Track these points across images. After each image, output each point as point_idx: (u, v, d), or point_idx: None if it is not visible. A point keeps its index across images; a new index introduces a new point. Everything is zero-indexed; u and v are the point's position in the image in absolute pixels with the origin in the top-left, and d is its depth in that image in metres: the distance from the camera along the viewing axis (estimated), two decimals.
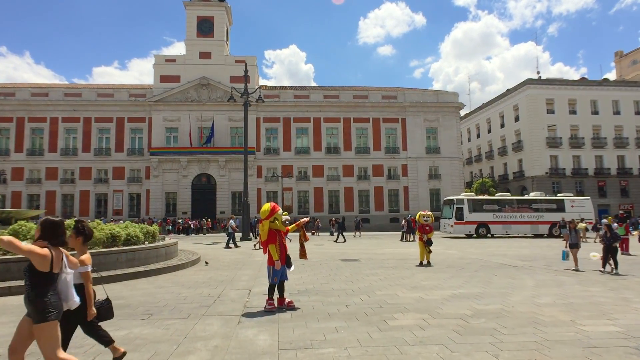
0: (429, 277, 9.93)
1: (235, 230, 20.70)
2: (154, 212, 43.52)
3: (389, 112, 47.83)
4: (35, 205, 42.44)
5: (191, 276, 10.04)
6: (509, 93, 54.15)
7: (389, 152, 47.32)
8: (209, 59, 46.49)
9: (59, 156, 44.28)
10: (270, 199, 45.85)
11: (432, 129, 48.28)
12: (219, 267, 12.14)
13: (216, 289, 8.20)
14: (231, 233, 20.57)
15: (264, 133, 46.31)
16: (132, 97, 45.78)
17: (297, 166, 46.00)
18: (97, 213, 43.87)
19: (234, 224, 20.78)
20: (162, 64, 46.26)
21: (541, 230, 27.17)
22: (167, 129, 45.24)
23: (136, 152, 44.96)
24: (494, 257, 14.81)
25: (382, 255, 16.13)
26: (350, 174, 46.59)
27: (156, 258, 11.16)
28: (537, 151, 48.89)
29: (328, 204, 46.35)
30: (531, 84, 49.96)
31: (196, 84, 45.47)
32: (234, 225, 20.68)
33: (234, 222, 21.10)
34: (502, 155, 55.33)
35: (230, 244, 20.27)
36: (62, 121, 44.76)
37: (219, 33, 47.14)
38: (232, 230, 20.55)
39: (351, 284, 9.14)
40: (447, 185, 47.27)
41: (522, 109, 51.18)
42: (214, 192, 44.98)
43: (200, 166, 44.73)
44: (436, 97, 48.85)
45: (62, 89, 46.13)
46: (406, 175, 47.11)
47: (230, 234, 20.61)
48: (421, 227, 11.77)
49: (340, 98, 47.65)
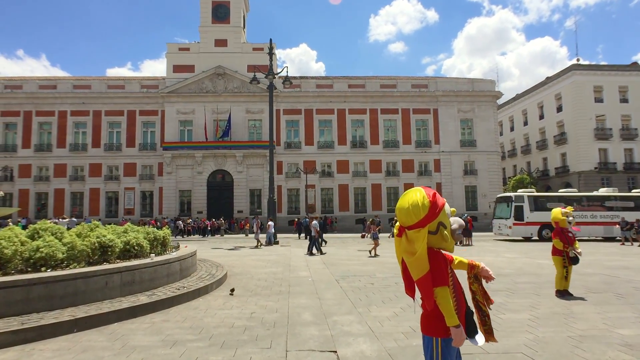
0: (608, 318, 6.10)
1: (317, 233, 17.09)
2: (168, 212, 40.45)
3: (419, 102, 43.93)
4: (42, 203, 39.73)
5: (220, 311, 6.50)
6: (549, 81, 49.72)
7: (419, 145, 43.45)
8: (224, 47, 43.20)
9: (67, 152, 41.52)
10: (291, 197, 42.46)
11: (467, 121, 44.26)
12: (255, 288, 8.60)
13: (270, 350, 4.64)
14: (313, 236, 17.05)
15: (284, 126, 42.84)
16: (144, 89, 42.80)
17: (320, 161, 42.43)
18: (107, 212, 41.03)
19: (317, 226, 17.20)
20: (175, 52, 43.12)
21: (615, 232, 23.09)
22: (180, 122, 42.10)
23: (148, 148, 41.95)
24: (620, 272, 11.01)
25: None
26: (378, 169, 42.85)
27: (167, 278, 7.68)
28: (584, 144, 44.44)
29: (354, 203, 42.70)
30: (577, 69, 45.48)
31: (211, 73, 42.22)
32: (317, 228, 17.13)
33: (317, 222, 17.53)
34: (541, 149, 50.92)
35: (313, 249, 16.74)
36: (71, 115, 41.99)
37: (236, 19, 43.82)
38: (314, 233, 17.02)
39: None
40: (484, 181, 43.26)
41: (565, 98, 46.73)
42: (231, 189, 41.69)
43: (216, 162, 41.47)
44: (471, 85, 44.80)
45: (71, 81, 43.37)
46: (439, 171, 43.20)
47: (313, 237, 17.10)
48: (560, 232, 7.61)
49: (366, 88, 43.93)
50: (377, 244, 15.91)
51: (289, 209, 42.13)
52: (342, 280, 9.67)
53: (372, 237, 16.31)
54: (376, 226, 16.98)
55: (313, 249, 16.81)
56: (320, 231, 21.89)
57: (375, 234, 16.29)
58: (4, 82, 42.45)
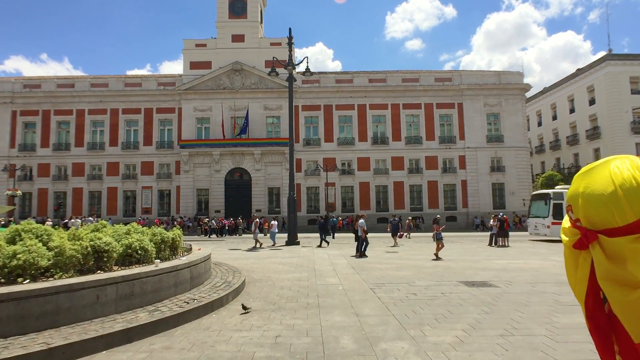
0: None
1: (365, 232, 15.25)
2: (185, 211, 39.73)
3: (443, 97, 42.10)
4: (59, 203, 39.46)
5: (236, 333, 5.22)
6: (580, 73, 47.19)
7: (444, 141, 41.62)
8: (242, 42, 42.21)
9: (85, 151, 41.20)
10: (310, 195, 41.23)
11: (493, 115, 42.22)
12: (278, 300, 7.33)
13: None
14: (360, 236, 15.23)
15: (303, 122, 41.59)
16: (161, 86, 42.19)
17: (340, 159, 41.04)
18: (125, 212, 40.58)
19: (364, 225, 15.37)
20: (192, 49, 42.34)
21: None
22: (197, 119, 41.31)
23: (165, 146, 41.30)
24: None
25: (505, 271, 11.03)
26: (400, 166, 41.20)
27: (174, 288, 6.47)
28: (620, 138, 41.86)
29: (375, 201, 41.17)
30: (611, 59, 42.90)
31: (229, 69, 41.28)
32: (365, 227, 15.34)
33: (364, 221, 15.62)
34: (571, 145, 48.38)
35: (364, 250, 15.19)
36: (89, 113, 41.66)
37: (253, 13, 42.77)
38: (362, 233, 15.16)
39: None
40: (512, 178, 41.19)
41: (599, 90, 44.17)
42: (249, 188, 40.68)
43: (234, 160, 40.51)
44: (498, 78, 42.73)
45: (89, 80, 43.07)
46: (464, 168, 41.29)
47: (360, 237, 15.28)
48: None
49: (388, 82, 42.32)
50: (441, 245, 14.41)
51: (309, 207, 40.91)
52: (378, 289, 8.33)
53: (436, 238, 14.64)
54: (439, 225, 15.17)
55: (363, 250, 15.19)
56: (323, 231, 20.21)
57: (439, 235, 14.64)
58: (22, 82, 42.45)
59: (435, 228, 15.12)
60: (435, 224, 15.38)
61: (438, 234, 14.66)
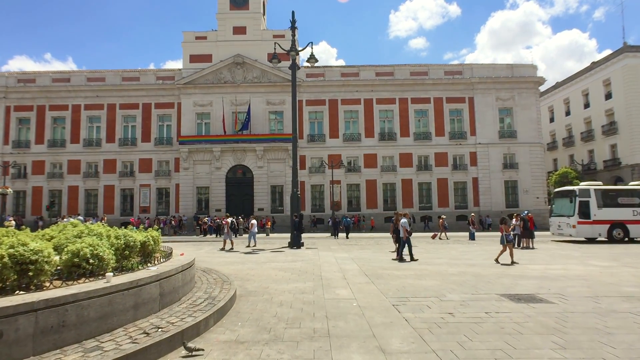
0: None
1: (407, 233, 13.38)
2: (185, 209, 38.14)
3: (453, 91, 40.25)
4: (51, 201, 37.93)
5: None
6: (595, 66, 45.19)
7: (454, 137, 39.76)
8: (243, 35, 40.51)
9: (81, 147, 39.66)
10: (315, 193, 39.53)
11: (506, 110, 40.33)
12: (274, 324, 5.59)
13: None
14: (402, 237, 13.54)
15: (307, 118, 39.87)
16: (160, 81, 40.59)
17: (345, 155, 39.30)
18: (122, 210, 39.06)
19: (407, 225, 13.46)
20: (192, 41, 40.69)
21: None
22: (197, 115, 39.68)
23: (164, 142, 39.70)
24: None
25: (549, 280, 9.31)
26: (409, 163, 39.40)
27: (134, 311, 4.75)
28: (638, 134, 39.90)
29: (383, 199, 39.39)
30: (629, 52, 40.88)
31: (230, 63, 39.61)
32: (407, 227, 13.43)
33: (407, 221, 13.63)
34: (586, 141, 46.42)
35: (404, 253, 13.44)
36: (85, 109, 40.11)
37: (255, 5, 41.05)
38: (403, 234, 13.43)
39: None
40: (526, 175, 39.30)
41: (616, 84, 42.17)
42: (251, 186, 39.01)
43: (235, 157, 38.86)
44: (510, 70, 40.82)
45: (85, 74, 41.49)
46: (475, 165, 39.43)
47: (401, 238, 13.59)
48: None
49: (395, 75, 40.52)
50: (510, 248, 12.58)
51: (313, 206, 39.22)
52: (402, 306, 6.62)
53: (507, 241, 12.62)
54: (508, 226, 13.08)
55: (404, 253, 13.50)
56: (297, 230, 17.76)
57: (509, 236, 12.69)
58: (16, 76, 41.01)
59: (503, 229, 12.86)
60: (502, 224, 13.01)
61: (507, 236, 12.66)
